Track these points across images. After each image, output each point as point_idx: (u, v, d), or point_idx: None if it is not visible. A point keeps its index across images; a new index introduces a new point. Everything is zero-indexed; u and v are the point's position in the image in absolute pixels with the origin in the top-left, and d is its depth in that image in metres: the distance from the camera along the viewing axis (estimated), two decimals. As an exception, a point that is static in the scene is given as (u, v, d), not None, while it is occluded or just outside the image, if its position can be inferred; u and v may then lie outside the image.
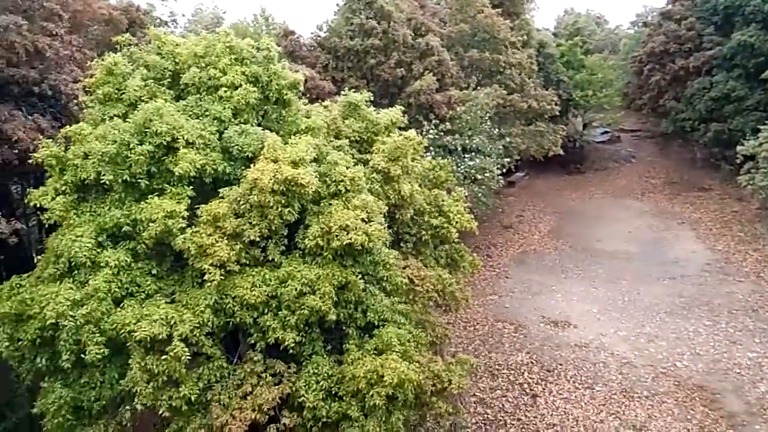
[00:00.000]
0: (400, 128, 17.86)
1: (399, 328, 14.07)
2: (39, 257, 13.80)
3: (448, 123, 31.00)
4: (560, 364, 23.38)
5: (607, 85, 49.57)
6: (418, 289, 15.66)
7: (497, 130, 34.82)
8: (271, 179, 12.60)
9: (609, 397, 21.31)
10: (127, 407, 12.57)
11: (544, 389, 22.05)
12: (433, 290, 16.02)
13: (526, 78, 39.24)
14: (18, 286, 13.37)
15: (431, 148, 28.16)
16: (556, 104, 40.80)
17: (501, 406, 21.36)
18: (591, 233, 36.67)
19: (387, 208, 15.62)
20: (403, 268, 15.55)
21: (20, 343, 12.80)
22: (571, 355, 23.93)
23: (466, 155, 31.22)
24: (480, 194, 31.19)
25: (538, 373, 22.98)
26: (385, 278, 14.51)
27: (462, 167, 30.17)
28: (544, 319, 26.89)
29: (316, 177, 13.38)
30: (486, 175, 31.42)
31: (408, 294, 15.48)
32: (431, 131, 29.77)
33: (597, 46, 61.43)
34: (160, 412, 12.34)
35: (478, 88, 34.59)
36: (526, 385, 22.36)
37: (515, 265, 33.03)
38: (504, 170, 34.77)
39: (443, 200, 18.10)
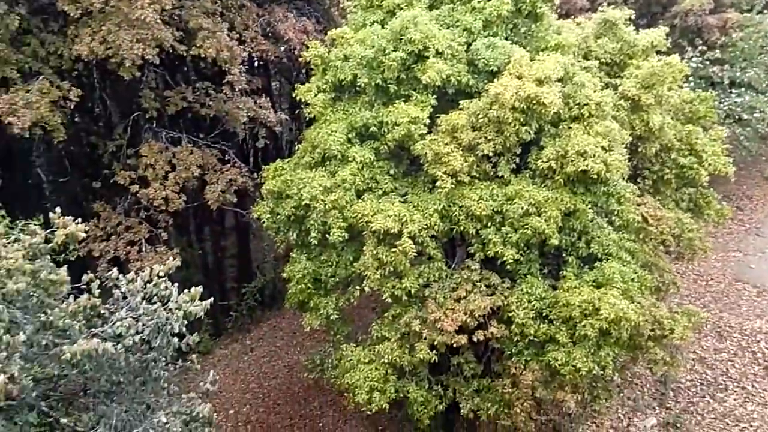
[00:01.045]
0: (659, 53, 16.15)
1: (623, 266, 13.43)
2: (297, 146, 15.73)
3: (717, 51, 26.88)
4: (809, 343, 20.33)
5: None
6: (651, 229, 14.60)
7: (781, 63, 29.30)
8: (513, 96, 12.47)
9: None
10: (357, 287, 14.16)
11: (781, 365, 19.52)
12: (669, 233, 14.80)
13: (835, 0, 31.87)
14: (281, 168, 15.50)
15: (691, 78, 24.88)
16: None
17: (725, 370, 19.47)
18: None
19: (630, 139, 14.58)
20: (638, 205, 14.55)
21: (278, 217, 15.00)
22: (825, 336, 20.59)
23: (734, 90, 26.98)
24: (743, 137, 27.02)
25: (778, 346, 20.31)
26: (616, 212, 13.84)
27: (726, 103, 26.24)
28: (799, 289, 23.28)
29: (559, 98, 12.90)
30: (755, 115, 26.90)
31: (639, 233, 14.55)
32: (695, 59, 26.21)
33: None
34: (383, 298, 13.73)
35: (766, 11, 29.12)
36: (759, 355, 19.92)
37: (771, 223, 28.61)
38: (780, 112, 29.47)
39: (697, 138, 16.17)
